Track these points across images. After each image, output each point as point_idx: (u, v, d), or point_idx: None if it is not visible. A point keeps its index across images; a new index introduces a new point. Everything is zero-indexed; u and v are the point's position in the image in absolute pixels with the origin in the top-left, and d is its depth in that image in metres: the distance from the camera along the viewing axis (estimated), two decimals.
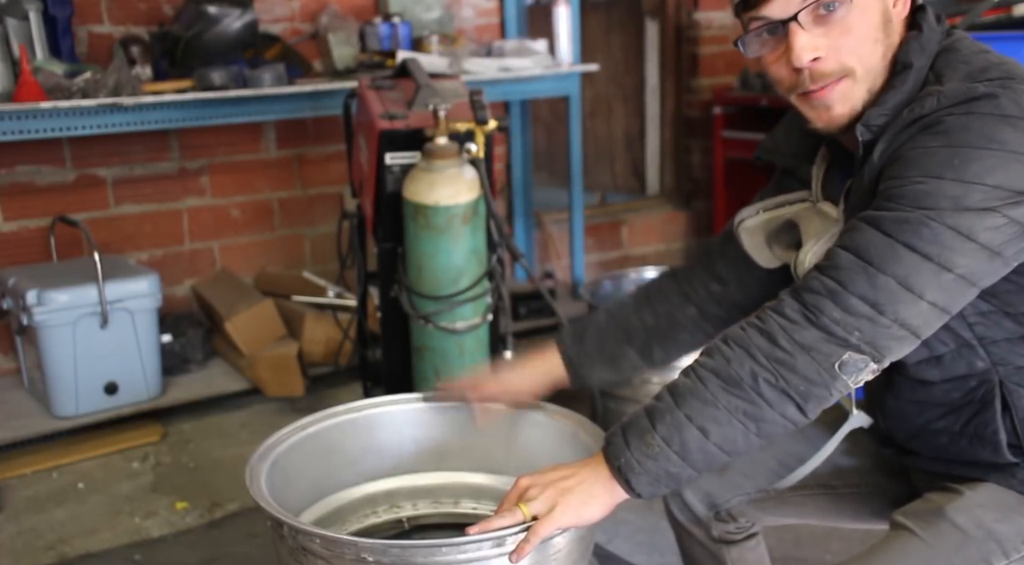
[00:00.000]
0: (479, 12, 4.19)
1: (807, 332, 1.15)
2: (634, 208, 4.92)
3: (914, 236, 1.12)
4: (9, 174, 3.37)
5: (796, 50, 1.24)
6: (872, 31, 1.25)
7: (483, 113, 2.46)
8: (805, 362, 1.15)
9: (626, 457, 1.21)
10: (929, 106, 1.17)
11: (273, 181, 3.85)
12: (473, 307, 2.52)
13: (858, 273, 1.14)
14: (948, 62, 1.23)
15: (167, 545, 2.55)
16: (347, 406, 1.60)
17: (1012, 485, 1.30)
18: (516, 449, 1.58)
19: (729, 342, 1.20)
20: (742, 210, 1.49)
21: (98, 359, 3.09)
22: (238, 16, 3.21)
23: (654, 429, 1.20)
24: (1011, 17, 2.55)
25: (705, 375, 1.20)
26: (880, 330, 1.14)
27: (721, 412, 1.18)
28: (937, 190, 1.13)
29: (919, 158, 1.16)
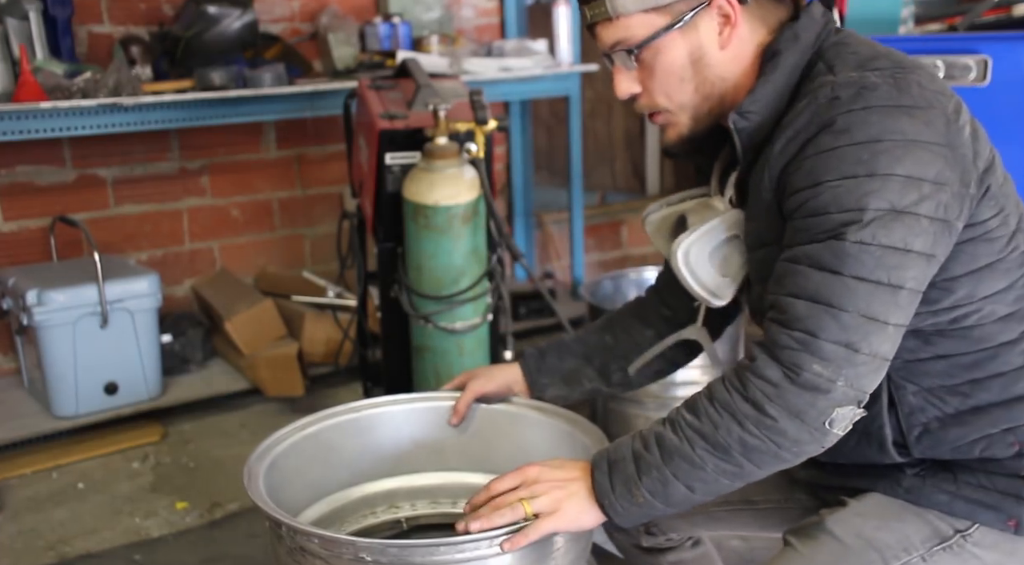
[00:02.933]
0: (479, 12, 4.19)
1: (793, 395, 1.14)
2: (634, 208, 4.93)
3: (859, 266, 1.12)
4: (9, 174, 3.37)
5: (615, 86, 1.35)
6: (675, 71, 1.29)
7: (483, 113, 2.46)
8: (796, 427, 1.15)
9: (610, 499, 1.23)
10: (823, 96, 1.17)
11: (273, 181, 3.85)
12: (473, 307, 2.52)
13: (822, 317, 1.13)
14: (838, 53, 1.24)
15: (167, 545, 2.55)
16: (346, 406, 1.60)
17: (897, 493, 1.30)
18: (513, 449, 1.58)
19: (716, 404, 1.19)
20: (650, 205, 1.53)
21: (98, 359, 3.09)
22: (238, 16, 3.21)
23: (640, 481, 1.21)
24: (1011, 17, 2.55)
25: (692, 436, 1.19)
26: (859, 369, 1.13)
27: (709, 474, 1.19)
28: (855, 189, 1.13)
29: (827, 161, 1.15)
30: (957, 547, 1.27)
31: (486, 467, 1.61)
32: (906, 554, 1.26)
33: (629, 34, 1.28)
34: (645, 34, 1.27)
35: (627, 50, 1.29)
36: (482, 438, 1.61)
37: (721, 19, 1.27)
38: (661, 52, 1.28)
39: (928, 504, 1.29)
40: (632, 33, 1.28)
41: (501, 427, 1.60)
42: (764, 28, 1.29)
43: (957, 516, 1.27)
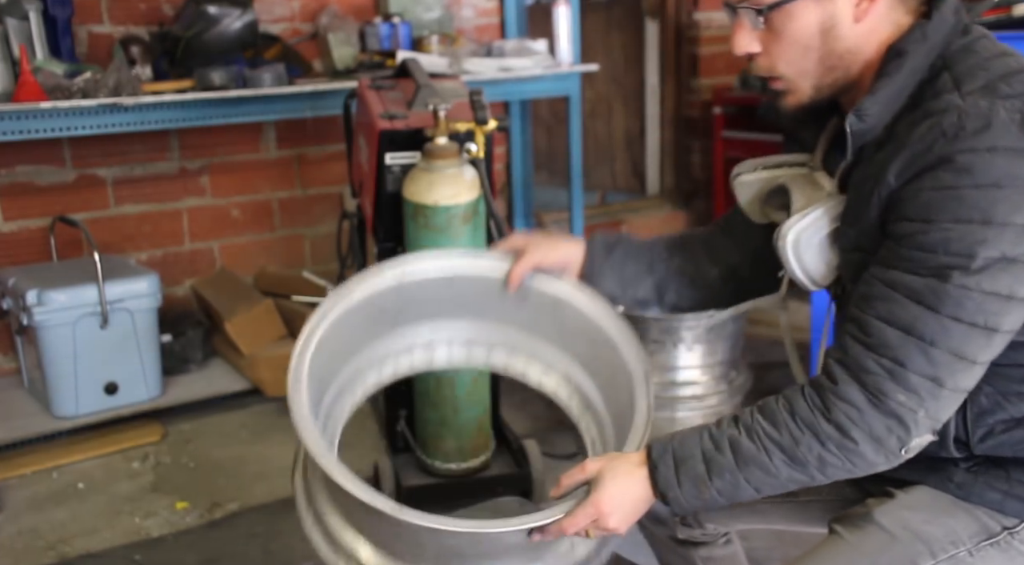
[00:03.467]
0: (479, 12, 4.19)
1: (876, 421, 1.17)
2: (634, 208, 4.93)
3: (957, 308, 1.13)
4: (9, 174, 3.37)
5: (733, 42, 1.30)
6: (803, 39, 1.25)
7: (483, 113, 2.46)
8: (874, 451, 1.19)
9: (675, 493, 1.26)
10: (948, 123, 1.14)
11: (273, 181, 3.85)
12: None
13: (912, 351, 1.15)
14: (967, 67, 1.20)
15: (167, 545, 2.55)
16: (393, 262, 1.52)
17: (948, 488, 1.31)
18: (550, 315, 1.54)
19: (797, 420, 1.21)
20: (741, 163, 1.50)
21: (98, 359, 3.09)
22: (238, 16, 3.21)
23: (710, 481, 1.24)
24: (1011, 17, 2.55)
25: (771, 447, 1.22)
26: (941, 403, 1.17)
27: (780, 481, 1.23)
28: (967, 235, 1.12)
29: (944, 200, 1.13)
30: (1004, 544, 1.28)
31: (525, 327, 1.58)
32: (953, 548, 1.27)
33: None
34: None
35: (756, 9, 1.24)
36: (526, 305, 1.56)
37: None
38: (792, 17, 1.23)
39: (979, 501, 1.30)
40: None
41: (545, 306, 1.55)
42: (903, 7, 1.25)
43: (1007, 514, 1.29)
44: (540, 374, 1.61)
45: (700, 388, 2.95)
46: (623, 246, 1.57)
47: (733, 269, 1.56)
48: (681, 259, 1.58)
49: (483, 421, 2.67)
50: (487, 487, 2.59)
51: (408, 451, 2.75)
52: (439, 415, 2.60)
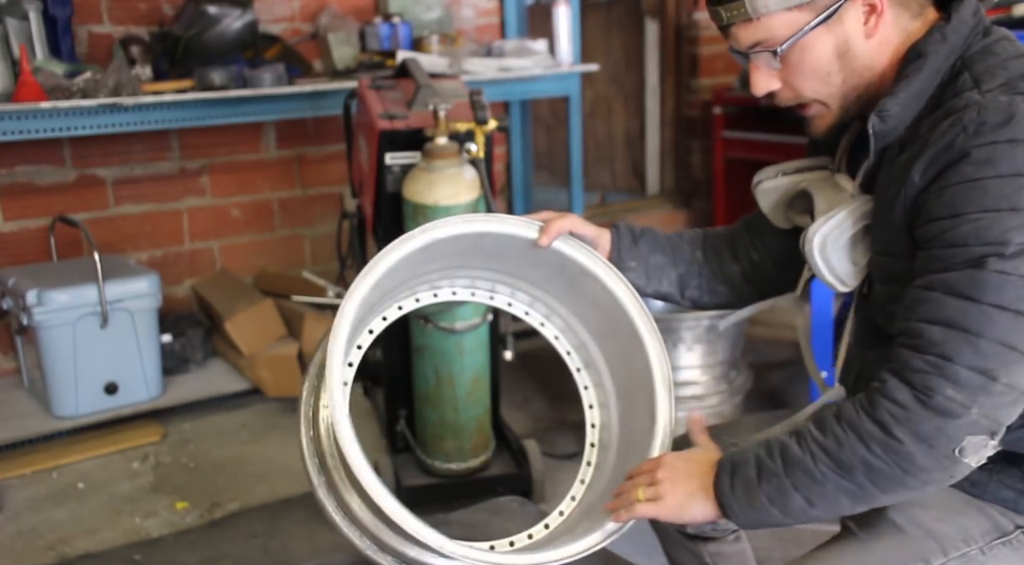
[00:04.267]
0: (479, 12, 4.19)
1: (923, 419, 1.13)
2: (634, 208, 4.93)
3: (999, 295, 1.11)
4: (9, 174, 3.37)
5: (752, 84, 1.32)
6: (822, 67, 1.27)
7: (483, 113, 2.46)
8: (924, 453, 1.13)
9: (729, 500, 1.24)
10: (970, 120, 1.15)
11: (273, 181, 3.85)
12: (473, 307, 2.52)
13: (960, 343, 1.12)
14: (987, 67, 1.21)
15: (167, 545, 2.55)
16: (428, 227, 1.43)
17: (961, 485, 1.30)
18: (570, 281, 1.52)
19: (842, 423, 1.18)
20: (762, 170, 1.50)
21: (98, 359, 3.09)
22: (238, 16, 3.21)
23: (759, 487, 1.22)
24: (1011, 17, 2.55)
25: (816, 451, 1.19)
26: (995, 399, 1.12)
27: (829, 491, 1.18)
28: (997, 222, 1.11)
29: (969, 193, 1.13)
30: (1017, 542, 1.28)
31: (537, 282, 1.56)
32: (965, 545, 1.27)
33: (771, 34, 1.25)
34: (789, 33, 1.24)
35: (771, 51, 1.26)
36: (549, 266, 1.52)
37: (866, 8, 1.24)
38: (807, 49, 1.25)
39: (992, 499, 1.30)
40: (774, 33, 1.25)
41: (569, 271, 1.51)
42: (907, 13, 1.27)
43: (1020, 512, 1.29)
44: (543, 318, 1.60)
45: (700, 388, 2.95)
46: (648, 237, 1.57)
47: (755, 266, 1.57)
48: (704, 254, 1.58)
49: (483, 421, 2.67)
50: (487, 487, 2.60)
51: (408, 451, 2.75)
52: (439, 415, 2.61)
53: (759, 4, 1.23)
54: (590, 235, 1.49)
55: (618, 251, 1.53)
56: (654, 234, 1.58)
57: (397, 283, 1.47)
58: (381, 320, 1.53)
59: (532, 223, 1.44)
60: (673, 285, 1.57)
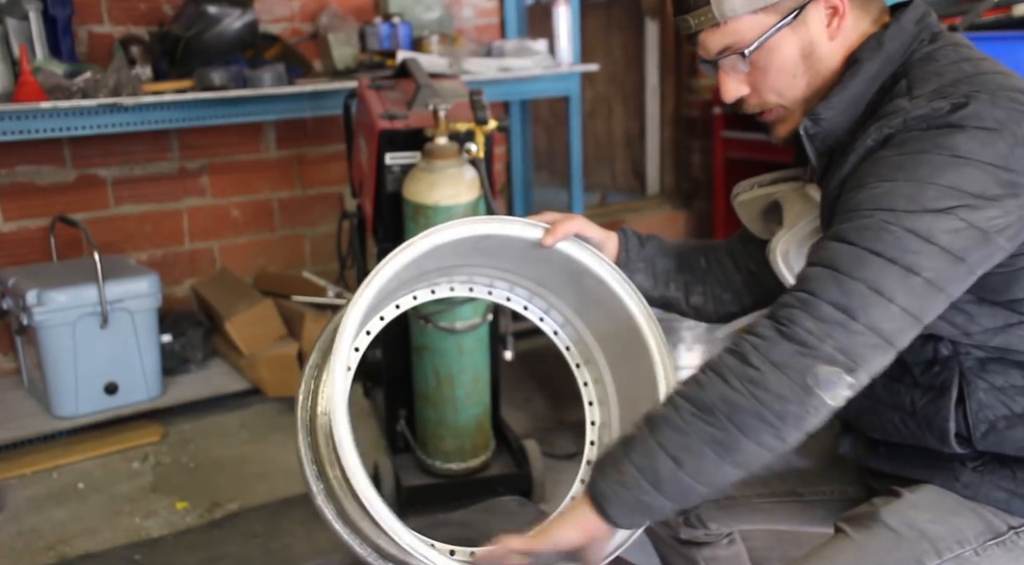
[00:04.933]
0: (479, 12, 4.19)
1: (780, 347, 1.13)
2: (634, 208, 4.93)
3: (876, 241, 1.13)
4: (9, 174, 3.37)
5: (721, 91, 1.34)
6: (788, 68, 1.29)
7: (483, 113, 2.46)
8: (777, 379, 1.12)
9: (600, 487, 1.19)
10: (896, 125, 1.18)
11: (273, 181, 3.85)
12: (473, 307, 2.52)
13: (827, 280, 1.14)
14: (923, 74, 1.23)
15: (167, 545, 2.55)
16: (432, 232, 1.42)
17: (954, 487, 1.31)
18: (573, 281, 1.51)
19: (705, 369, 1.18)
20: (739, 184, 1.52)
21: (98, 359, 3.09)
22: (238, 16, 3.21)
23: (627, 457, 1.17)
24: (1011, 17, 2.55)
25: (680, 403, 1.17)
26: (854, 337, 1.12)
27: (693, 441, 1.14)
28: (891, 190, 1.14)
29: (874, 167, 1.18)
30: (1010, 542, 1.28)
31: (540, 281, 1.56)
32: (959, 547, 1.27)
33: (738, 37, 1.27)
34: (756, 35, 1.27)
35: (739, 53, 1.28)
36: (550, 266, 1.51)
37: (829, 10, 1.27)
38: (773, 51, 1.28)
39: (985, 500, 1.30)
40: (741, 36, 1.27)
41: (572, 272, 1.49)
42: (867, 17, 1.30)
43: (1013, 513, 1.29)
44: (542, 313, 1.59)
45: None
46: (655, 241, 1.57)
47: (754, 276, 1.57)
48: (708, 262, 1.59)
49: (483, 421, 2.67)
50: (487, 487, 2.60)
51: (408, 451, 2.75)
52: (439, 415, 2.61)
53: (726, 8, 1.25)
54: (596, 238, 1.48)
55: (626, 252, 1.53)
56: (660, 240, 1.58)
57: (396, 286, 1.47)
58: (379, 320, 1.52)
59: (536, 224, 1.43)
60: (679, 289, 1.56)
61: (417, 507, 2.60)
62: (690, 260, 1.58)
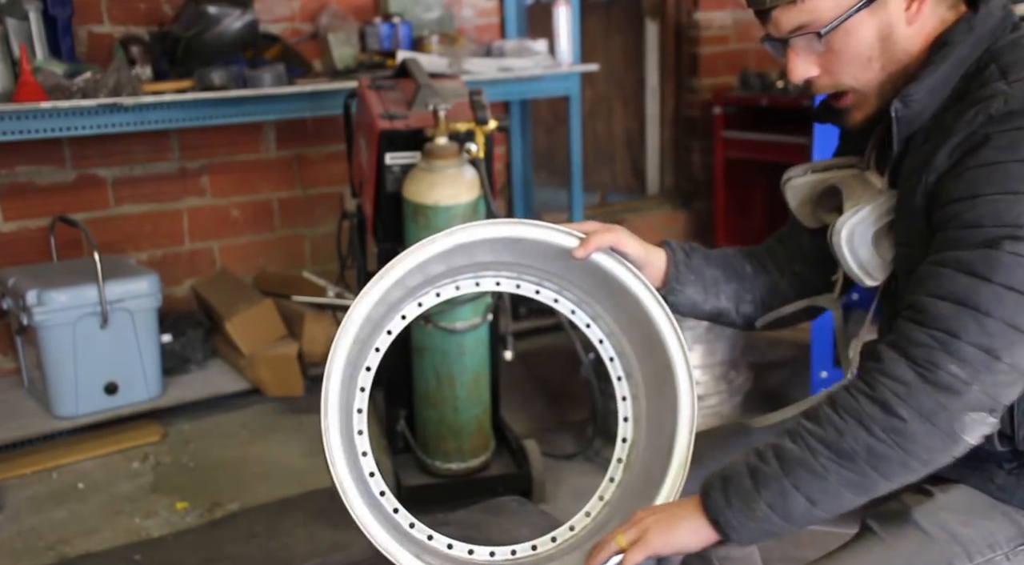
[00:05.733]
0: (479, 12, 4.19)
1: (925, 395, 1.11)
2: (634, 208, 4.93)
3: (1009, 275, 1.11)
4: (9, 174, 3.37)
5: (789, 71, 1.31)
6: (864, 51, 1.26)
7: (483, 113, 2.46)
8: (926, 430, 1.11)
9: (726, 516, 1.19)
10: (996, 108, 1.15)
11: (273, 181, 3.85)
12: (473, 307, 2.52)
13: (966, 320, 1.11)
14: (1015, 58, 1.21)
15: (167, 545, 2.55)
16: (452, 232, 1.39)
17: (989, 489, 1.29)
18: (612, 296, 1.47)
19: (839, 410, 1.16)
20: (791, 169, 1.49)
21: (98, 359, 3.09)
22: (238, 16, 3.21)
23: (758, 494, 1.17)
24: None
25: (815, 446, 1.15)
26: (998, 377, 1.11)
27: (831, 485, 1.15)
28: (1015, 204, 1.11)
29: (988, 175, 1.14)
30: None
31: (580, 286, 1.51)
32: (990, 551, 1.26)
33: (815, 16, 1.24)
34: (833, 15, 1.24)
35: (815, 33, 1.25)
36: (589, 277, 1.47)
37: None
38: (850, 33, 1.25)
39: (1019, 504, 1.28)
40: (819, 15, 1.24)
41: (609, 286, 1.45)
42: (945, 3, 1.28)
43: None
44: (589, 320, 1.52)
45: (700, 388, 2.94)
46: (699, 252, 1.54)
47: (798, 276, 1.55)
48: (752, 267, 1.55)
49: (483, 421, 2.67)
50: (487, 487, 2.60)
51: (408, 451, 2.75)
52: (439, 415, 2.61)
53: None
54: (635, 253, 1.43)
55: (675, 266, 1.49)
56: (702, 249, 1.55)
57: (421, 281, 1.44)
58: (400, 318, 1.49)
59: (572, 233, 1.39)
60: (730, 300, 1.53)
61: (417, 507, 2.59)
62: (735, 268, 1.54)
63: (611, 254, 1.41)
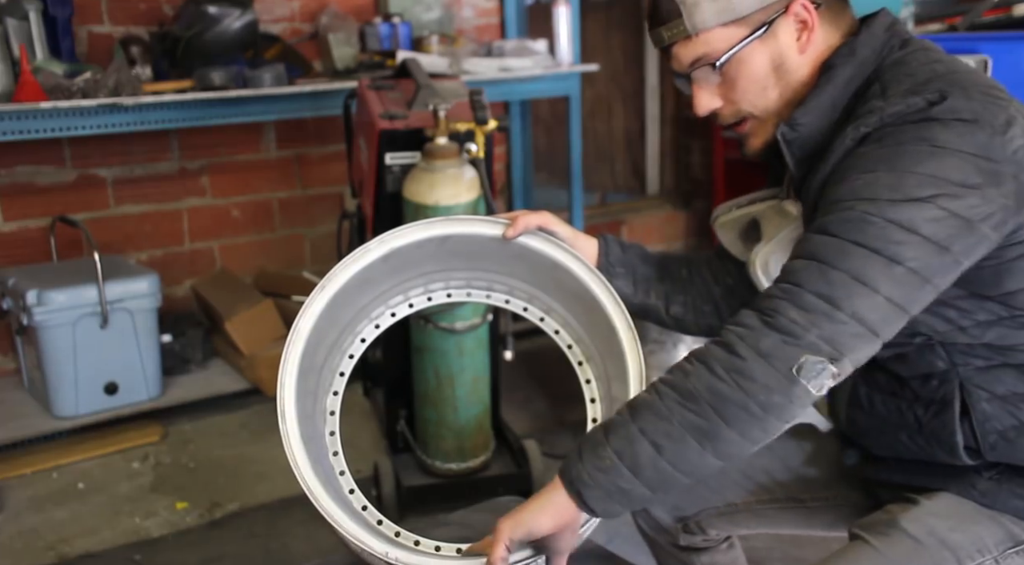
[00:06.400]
0: (479, 12, 4.19)
1: (765, 337, 1.13)
2: (634, 208, 4.93)
3: (859, 233, 1.14)
4: (9, 174, 3.37)
5: (695, 103, 1.37)
6: (759, 79, 1.31)
7: (483, 113, 2.46)
8: (762, 368, 1.12)
9: (577, 470, 1.17)
10: (871, 123, 1.20)
11: (273, 181, 3.85)
12: (473, 307, 2.52)
13: (811, 271, 1.15)
14: (895, 76, 1.25)
15: (167, 545, 2.55)
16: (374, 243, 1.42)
17: (972, 495, 1.30)
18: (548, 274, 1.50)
19: (691, 358, 1.19)
20: (718, 207, 1.54)
21: (98, 359, 3.09)
22: (238, 16, 3.21)
23: (607, 441, 1.17)
24: (1011, 17, 2.55)
25: (663, 389, 1.17)
26: (838, 326, 1.12)
27: (675, 428, 1.14)
28: (872, 181, 1.15)
29: (855, 162, 1.20)
30: None
31: (528, 281, 1.55)
32: (980, 556, 1.27)
33: (710, 49, 1.30)
34: (726, 47, 1.29)
35: (711, 64, 1.30)
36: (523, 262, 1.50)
37: (799, 24, 1.29)
38: (744, 62, 1.30)
39: (1003, 508, 1.29)
40: (713, 47, 1.29)
41: (543, 265, 1.48)
42: (837, 32, 1.32)
43: None
44: (542, 313, 1.57)
45: None
46: (636, 249, 1.58)
47: (732, 291, 1.58)
48: (690, 273, 1.59)
49: (483, 421, 2.67)
50: (487, 487, 2.60)
51: (408, 451, 2.75)
52: (439, 415, 2.61)
53: (697, 20, 1.28)
54: (563, 233, 1.47)
55: (606, 256, 1.54)
56: (642, 248, 1.59)
57: (375, 294, 1.47)
58: (374, 328, 1.52)
59: (497, 221, 1.43)
60: (660, 298, 1.57)
61: (417, 507, 2.60)
62: (671, 270, 1.58)
63: (541, 234, 1.45)
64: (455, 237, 1.43)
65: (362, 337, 1.52)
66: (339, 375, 1.47)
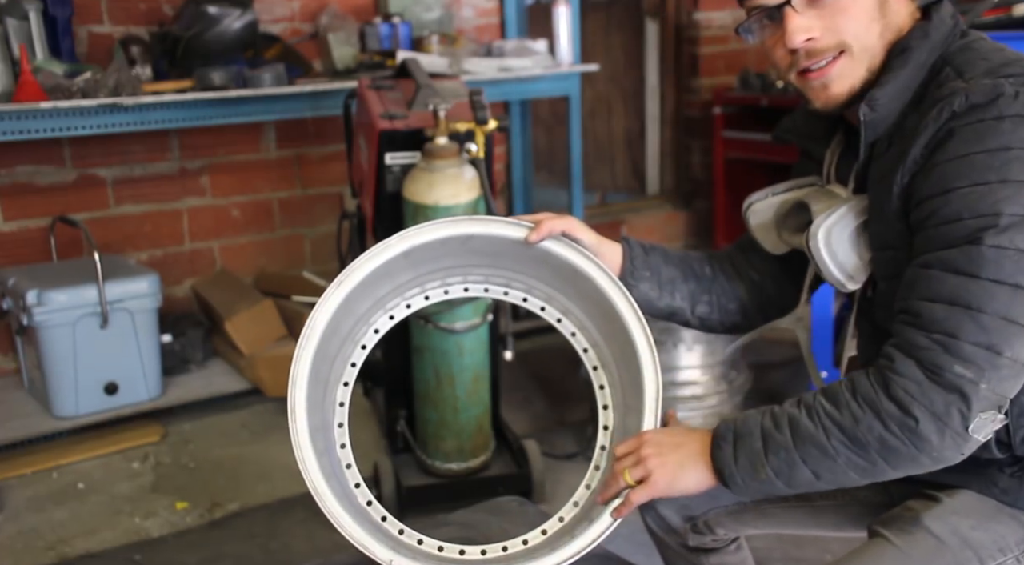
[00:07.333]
0: (479, 12, 4.19)
1: (936, 397, 1.14)
2: (634, 208, 4.92)
3: (996, 269, 1.12)
4: (9, 174, 3.37)
5: (789, 32, 1.27)
6: (867, 10, 1.27)
7: (483, 113, 2.46)
8: (938, 432, 1.14)
9: (731, 470, 1.25)
10: (959, 104, 1.17)
11: (273, 181, 3.85)
12: (473, 307, 2.52)
13: (962, 319, 1.13)
14: (967, 59, 1.24)
15: (167, 545, 2.55)
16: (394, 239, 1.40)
17: (993, 493, 1.30)
18: (568, 280, 1.49)
19: (858, 398, 1.18)
20: (752, 195, 1.51)
21: (98, 359, 3.09)
22: (238, 16, 3.21)
23: (766, 459, 1.23)
24: (1011, 17, 2.55)
25: (830, 427, 1.19)
26: (1002, 372, 1.13)
27: (839, 465, 1.20)
28: (988, 195, 1.13)
29: (958, 168, 1.16)
30: None
31: (539, 277, 1.53)
32: (1001, 555, 1.27)
33: None
34: None
35: None
36: (544, 267, 1.49)
37: None
38: None
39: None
40: None
41: (564, 271, 1.47)
42: (908, 9, 1.30)
43: None
44: (560, 314, 1.55)
45: (700, 388, 2.95)
46: (659, 251, 1.56)
47: (756, 286, 1.57)
48: (712, 271, 1.58)
49: (483, 421, 2.67)
50: (487, 487, 2.60)
51: (408, 451, 2.75)
52: (439, 415, 2.61)
53: None
54: (587, 240, 1.46)
55: (631, 260, 1.52)
56: (664, 249, 1.57)
57: (391, 288, 1.46)
58: (388, 318, 1.51)
59: (521, 224, 1.41)
60: (685, 299, 1.55)
61: (417, 507, 2.60)
62: (694, 269, 1.57)
63: (564, 240, 1.43)
64: (478, 237, 1.42)
65: (376, 328, 1.51)
66: (351, 365, 1.46)
